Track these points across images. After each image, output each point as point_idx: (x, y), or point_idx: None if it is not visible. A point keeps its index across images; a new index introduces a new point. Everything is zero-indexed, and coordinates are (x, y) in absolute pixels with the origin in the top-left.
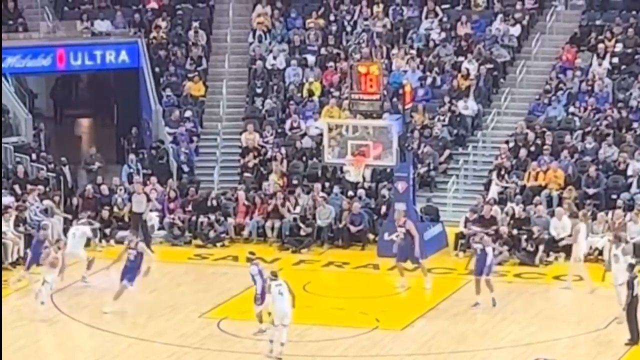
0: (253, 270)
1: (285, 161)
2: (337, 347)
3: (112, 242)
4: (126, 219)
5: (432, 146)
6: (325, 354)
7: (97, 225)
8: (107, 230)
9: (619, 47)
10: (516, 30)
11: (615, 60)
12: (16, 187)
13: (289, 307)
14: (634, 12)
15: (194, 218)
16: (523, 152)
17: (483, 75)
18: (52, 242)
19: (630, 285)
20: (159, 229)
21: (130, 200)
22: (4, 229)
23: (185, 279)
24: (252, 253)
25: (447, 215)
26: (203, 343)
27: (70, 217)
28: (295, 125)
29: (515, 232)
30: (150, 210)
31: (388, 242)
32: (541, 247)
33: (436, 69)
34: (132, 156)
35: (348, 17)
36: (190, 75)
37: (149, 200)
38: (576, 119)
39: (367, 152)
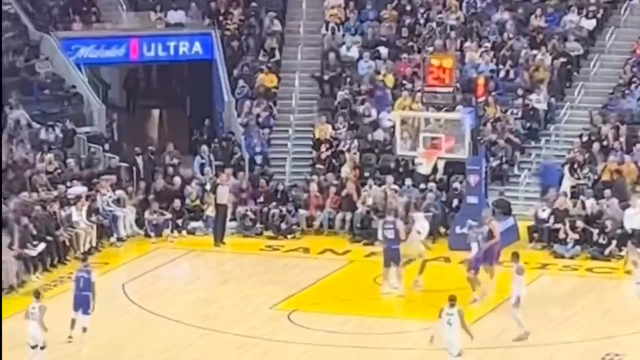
0: None
1: (357, 153)
2: (408, 340)
3: (184, 232)
4: (209, 211)
5: (504, 139)
6: (395, 346)
7: (168, 216)
8: (179, 221)
9: None
10: (590, 23)
11: None
12: (89, 176)
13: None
14: None
15: (265, 209)
16: (596, 146)
17: (556, 68)
18: None
19: None
20: (231, 220)
21: (204, 191)
22: (76, 218)
23: (256, 270)
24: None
25: (519, 208)
26: (273, 335)
27: (142, 207)
28: (367, 117)
29: (587, 226)
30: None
31: (459, 235)
32: (614, 242)
33: (509, 62)
34: (204, 147)
35: (422, 10)
36: (263, 66)
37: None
38: None
39: (440, 145)
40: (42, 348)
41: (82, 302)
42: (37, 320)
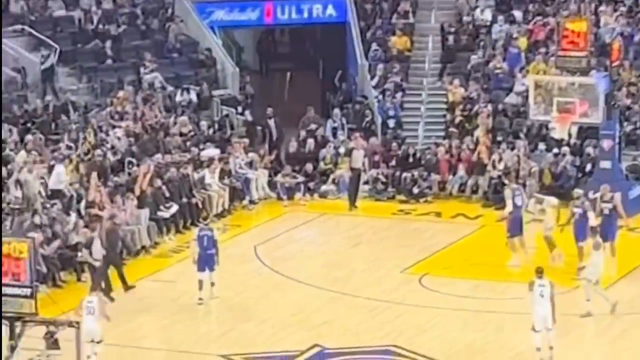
0: None
1: (490, 117)
2: None
3: (315, 196)
4: (343, 174)
5: (639, 104)
6: (526, 311)
7: (300, 179)
8: (311, 185)
9: None
10: None
11: None
12: (222, 139)
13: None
14: None
15: (397, 173)
16: None
17: None
18: None
19: None
20: (364, 183)
21: (337, 154)
22: (209, 180)
23: (387, 234)
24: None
25: None
26: (404, 299)
27: (274, 170)
28: (500, 81)
29: None
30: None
31: (593, 200)
32: None
33: None
34: (336, 111)
35: None
36: (396, 29)
37: (365, 155)
38: None
39: (573, 109)
40: (98, 342)
41: (208, 261)
42: (94, 314)
